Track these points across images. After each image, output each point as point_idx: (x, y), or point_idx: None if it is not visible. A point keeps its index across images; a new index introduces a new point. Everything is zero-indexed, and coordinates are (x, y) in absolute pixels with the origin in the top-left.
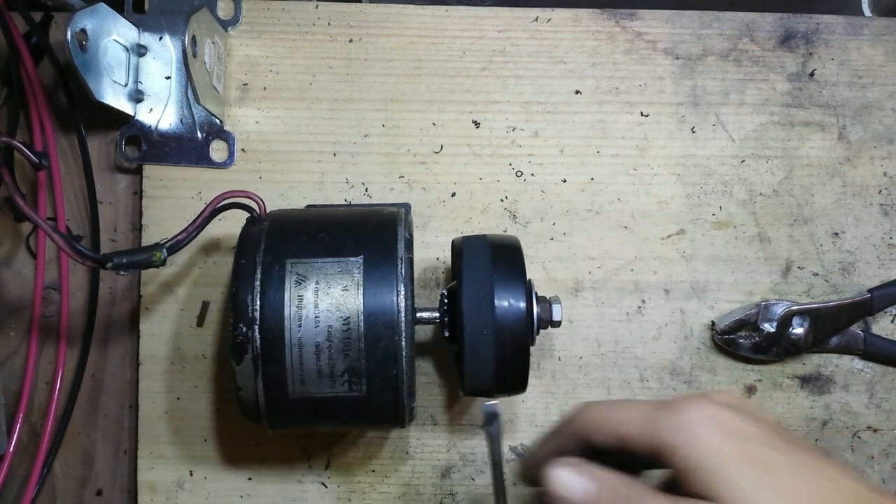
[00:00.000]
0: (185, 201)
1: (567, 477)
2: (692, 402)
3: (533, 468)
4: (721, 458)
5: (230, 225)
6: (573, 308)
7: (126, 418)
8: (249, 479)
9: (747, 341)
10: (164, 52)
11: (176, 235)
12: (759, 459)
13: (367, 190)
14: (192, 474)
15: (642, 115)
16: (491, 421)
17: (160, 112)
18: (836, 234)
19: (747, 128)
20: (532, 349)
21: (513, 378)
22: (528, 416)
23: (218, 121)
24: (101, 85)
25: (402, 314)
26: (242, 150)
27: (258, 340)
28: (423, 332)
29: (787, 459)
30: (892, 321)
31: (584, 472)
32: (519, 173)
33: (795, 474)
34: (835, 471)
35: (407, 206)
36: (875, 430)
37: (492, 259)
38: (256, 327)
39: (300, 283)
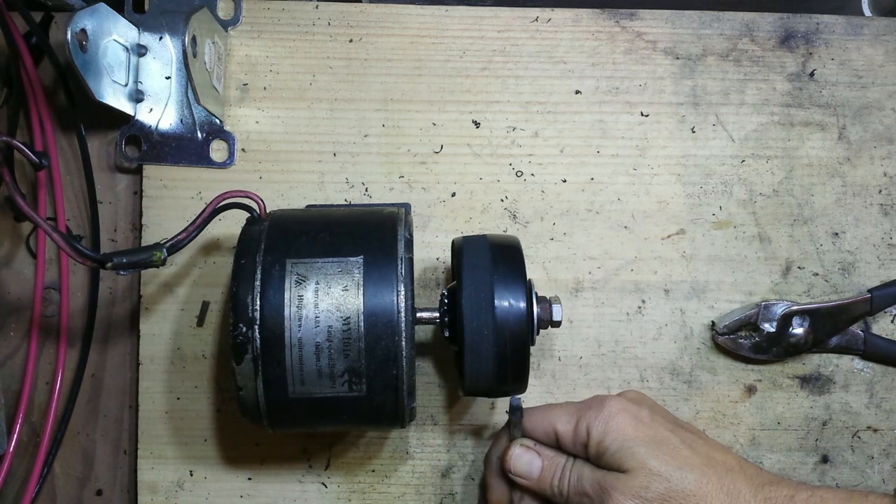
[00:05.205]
0: (185, 201)
1: (520, 453)
2: (610, 399)
3: (497, 453)
4: (632, 440)
5: (230, 225)
6: (573, 308)
7: (126, 418)
8: (249, 479)
9: (747, 341)
10: (164, 52)
11: (176, 235)
12: (657, 440)
13: (367, 190)
14: (192, 474)
15: (642, 115)
16: (514, 412)
17: (160, 112)
18: (836, 234)
19: (747, 128)
20: (532, 349)
21: (513, 378)
22: None
23: (218, 121)
24: (101, 85)
25: (402, 314)
26: (242, 150)
27: (258, 340)
28: (423, 332)
29: (677, 437)
30: (892, 321)
31: (532, 449)
32: (519, 173)
33: (683, 447)
34: (711, 444)
35: (407, 206)
36: (875, 430)
37: (492, 259)
38: (256, 327)
39: (300, 283)
